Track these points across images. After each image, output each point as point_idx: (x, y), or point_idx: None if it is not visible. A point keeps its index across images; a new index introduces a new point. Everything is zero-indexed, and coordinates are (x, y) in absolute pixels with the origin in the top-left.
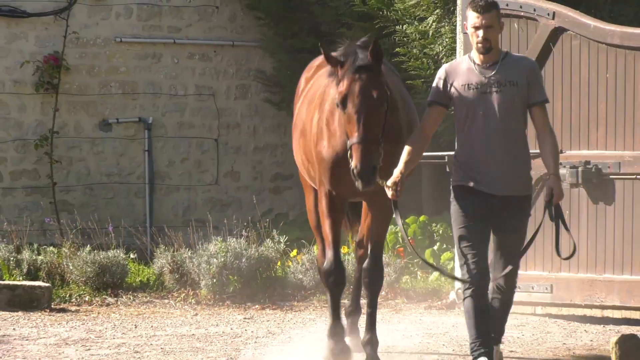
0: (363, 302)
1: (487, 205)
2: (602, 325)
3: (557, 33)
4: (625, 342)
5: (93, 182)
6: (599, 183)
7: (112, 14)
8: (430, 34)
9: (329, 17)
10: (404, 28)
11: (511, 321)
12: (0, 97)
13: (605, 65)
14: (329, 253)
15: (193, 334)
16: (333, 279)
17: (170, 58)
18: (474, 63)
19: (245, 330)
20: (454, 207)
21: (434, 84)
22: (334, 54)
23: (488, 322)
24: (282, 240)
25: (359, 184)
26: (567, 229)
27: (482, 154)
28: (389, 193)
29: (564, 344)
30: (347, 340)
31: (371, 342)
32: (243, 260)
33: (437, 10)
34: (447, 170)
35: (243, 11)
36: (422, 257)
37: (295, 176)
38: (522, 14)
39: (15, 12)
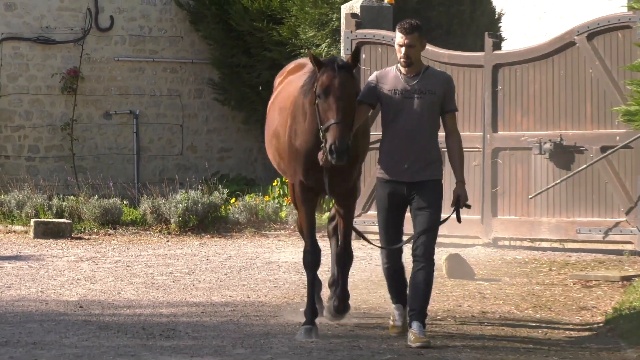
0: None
1: (404, 191)
2: (438, 248)
3: None
4: (451, 259)
5: (99, 153)
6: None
7: (112, 42)
8: (323, 55)
9: (256, 43)
10: (306, 51)
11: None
12: (38, 97)
13: None
14: (307, 241)
15: (166, 254)
16: (310, 261)
17: (151, 71)
18: (400, 73)
19: (200, 251)
20: (377, 194)
21: (365, 87)
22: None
23: (402, 282)
24: (225, 192)
25: (333, 158)
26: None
27: (402, 147)
28: (320, 157)
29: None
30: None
31: (342, 299)
32: (199, 205)
33: (328, 40)
34: None
35: (199, 40)
36: (358, 230)
37: (234, 147)
38: (384, 42)
39: (48, 40)
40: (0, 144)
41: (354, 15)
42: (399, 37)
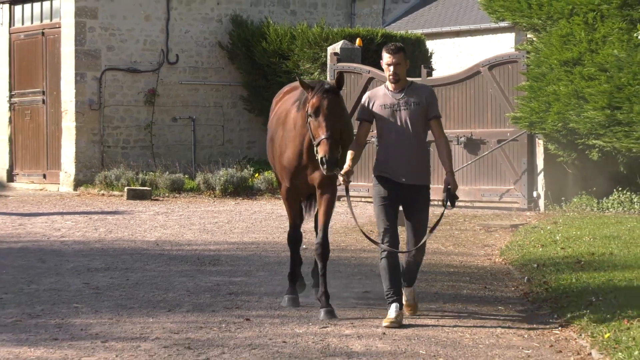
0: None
1: (397, 191)
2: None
3: (370, 79)
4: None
5: (169, 144)
6: None
7: (177, 71)
8: (316, 79)
9: (272, 72)
10: (304, 78)
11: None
12: (129, 107)
13: None
14: (290, 226)
15: (213, 210)
16: (293, 240)
17: (203, 90)
18: (388, 89)
19: (236, 208)
20: (374, 190)
21: (360, 107)
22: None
23: (398, 276)
24: (251, 170)
25: (324, 169)
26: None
27: (394, 155)
28: (341, 179)
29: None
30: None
31: (325, 295)
32: (234, 178)
33: (319, 70)
34: None
35: (234, 70)
36: (361, 230)
37: (257, 140)
38: (355, 71)
39: (135, 70)
40: (105, 138)
41: (335, 53)
42: (386, 58)
